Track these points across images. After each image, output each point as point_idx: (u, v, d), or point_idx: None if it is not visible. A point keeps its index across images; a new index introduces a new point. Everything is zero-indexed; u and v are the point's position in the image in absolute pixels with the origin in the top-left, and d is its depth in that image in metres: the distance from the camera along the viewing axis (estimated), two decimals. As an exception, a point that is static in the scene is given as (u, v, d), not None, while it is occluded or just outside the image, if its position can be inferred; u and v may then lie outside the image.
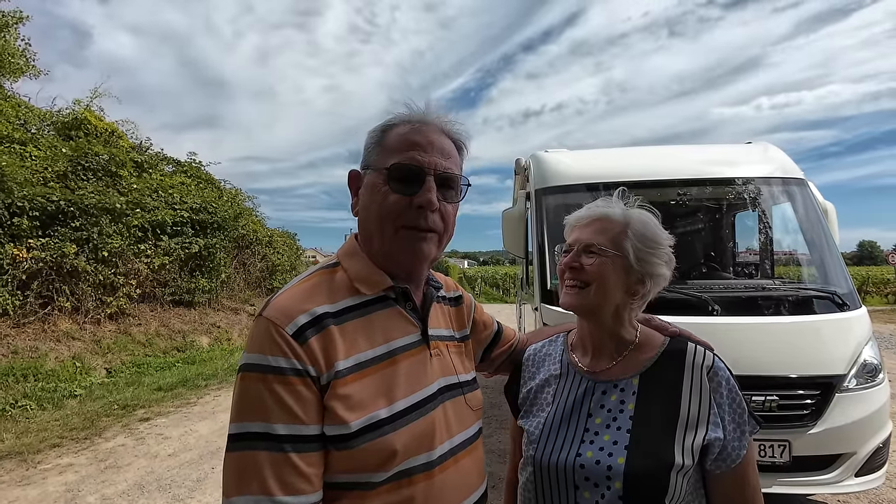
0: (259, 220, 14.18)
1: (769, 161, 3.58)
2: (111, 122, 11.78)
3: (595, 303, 0.97)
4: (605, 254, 0.96)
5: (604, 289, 0.96)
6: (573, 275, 0.99)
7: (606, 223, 0.99)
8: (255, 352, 0.74)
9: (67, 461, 4.27)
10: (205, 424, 5.31)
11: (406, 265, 0.88)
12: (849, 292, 2.94)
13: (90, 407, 5.82)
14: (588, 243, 0.98)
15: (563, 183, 3.52)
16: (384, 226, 0.84)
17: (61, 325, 7.64)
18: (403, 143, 0.85)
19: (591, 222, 1.01)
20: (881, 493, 3.50)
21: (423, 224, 0.84)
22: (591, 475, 0.88)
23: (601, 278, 0.96)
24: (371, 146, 0.90)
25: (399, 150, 0.84)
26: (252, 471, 0.69)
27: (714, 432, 0.88)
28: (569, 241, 1.04)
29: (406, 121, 0.87)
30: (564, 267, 1.01)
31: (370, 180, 0.87)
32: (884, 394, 2.72)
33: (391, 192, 0.83)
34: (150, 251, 9.21)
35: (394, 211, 0.83)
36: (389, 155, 0.85)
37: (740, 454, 0.89)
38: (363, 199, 0.89)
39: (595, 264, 0.96)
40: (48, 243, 7.41)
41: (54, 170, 8.52)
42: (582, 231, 1.01)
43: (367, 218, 0.87)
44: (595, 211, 1.02)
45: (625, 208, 1.02)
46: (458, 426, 0.89)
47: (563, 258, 1.03)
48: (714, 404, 0.90)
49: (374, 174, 0.86)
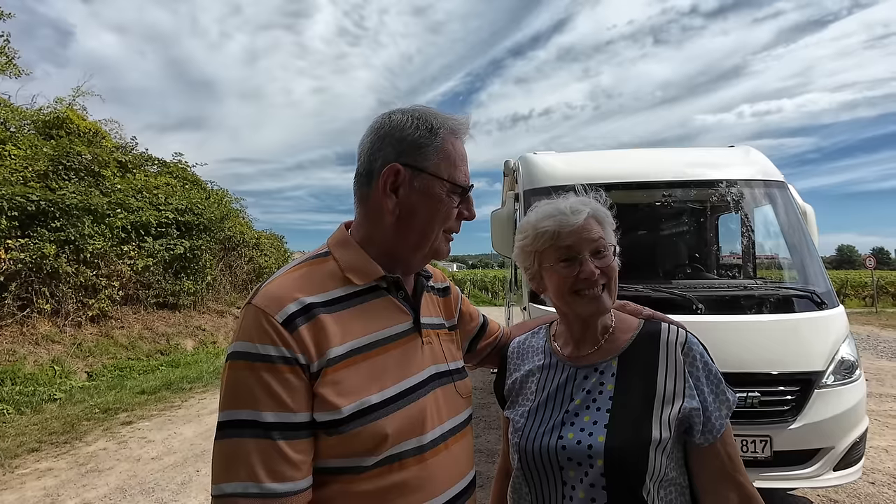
0: (246, 222, 14.04)
1: (751, 164, 3.67)
2: (94, 122, 11.56)
3: (613, 299, 0.99)
4: (609, 248, 0.98)
5: (616, 282, 0.99)
6: (596, 280, 0.95)
7: (592, 221, 0.99)
8: (244, 339, 0.74)
9: (46, 466, 4.17)
10: (189, 427, 5.23)
11: (420, 262, 0.93)
12: (827, 291, 3.02)
13: (70, 411, 5.69)
14: (595, 240, 0.97)
15: (552, 184, 3.56)
16: (436, 229, 0.89)
17: (40, 328, 7.46)
18: (458, 157, 0.89)
19: (581, 225, 0.97)
20: (858, 487, 3.59)
21: (457, 229, 0.94)
22: (574, 455, 0.89)
23: (616, 272, 0.98)
24: (422, 145, 0.86)
25: (456, 164, 0.89)
26: (240, 458, 0.70)
27: (690, 403, 0.90)
28: (566, 245, 0.96)
29: (453, 127, 0.90)
30: (583, 277, 0.95)
31: (428, 187, 0.86)
32: (860, 390, 2.80)
33: (451, 205, 0.89)
34: (134, 253, 9.06)
35: (449, 220, 0.90)
36: (448, 166, 0.88)
37: (724, 423, 0.91)
38: (415, 202, 0.86)
39: (610, 263, 0.97)
40: (27, 244, 7.25)
41: (35, 169, 8.33)
42: (577, 235, 0.96)
43: (416, 222, 0.87)
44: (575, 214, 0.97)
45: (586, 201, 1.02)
46: (448, 412, 0.90)
47: (567, 268, 0.96)
48: (689, 377, 0.93)
49: (433, 182, 0.86)
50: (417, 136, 0.86)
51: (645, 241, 4.02)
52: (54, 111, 11.02)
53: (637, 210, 3.77)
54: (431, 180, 0.86)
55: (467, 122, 0.92)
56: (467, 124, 0.92)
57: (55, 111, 11.00)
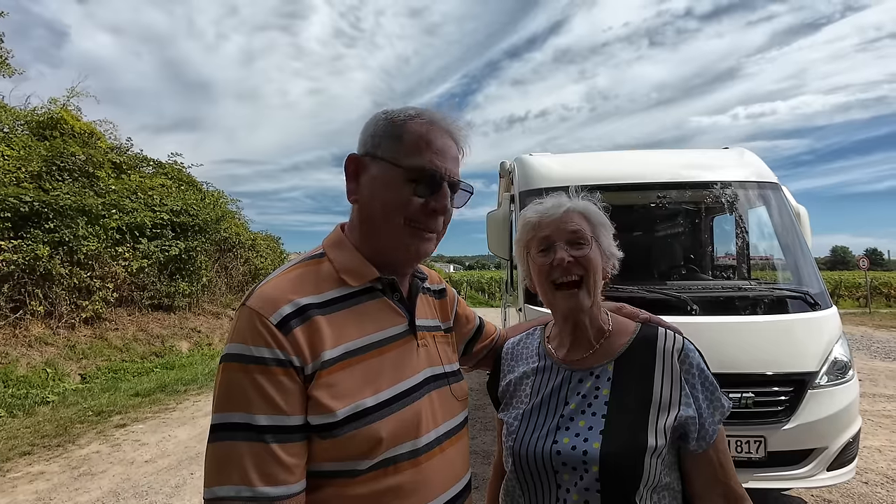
0: (242, 224, 13.97)
1: (745, 165, 3.70)
2: (89, 123, 11.48)
3: (592, 298, 0.97)
4: (590, 241, 0.97)
5: (596, 278, 0.97)
6: (569, 269, 0.95)
7: (573, 214, 0.99)
8: (238, 341, 0.74)
9: (38, 469, 4.13)
10: (184, 430, 5.19)
11: (402, 260, 0.89)
12: (820, 292, 3.04)
13: (63, 413, 5.64)
14: (575, 232, 0.97)
15: (548, 185, 3.57)
16: (393, 219, 0.84)
17: (33, 330, 7.40)
18: (423, 144, 0.84)
19: (560, 216, 0.99)
20: (852, 487, 3.61)
21: (430, 225, 0.87)
22: (568, 460, 0.89)
23: (595, 268, 0.96)
24: (381, 135, 0.87)
25: (418, 151, 0.84)
26: (233, 461, 0.69)
27: (686, 411, 0.90)
28: (544, 236, 0.99)
29: (422, 118, 0.87)
30: (555, 264, 0.96)
31: (383, 173, 0.85)
32: (853, 390, 2.82)
33: (407, 191, 0.84)
34: (129, 254, 9.00)
35: (407, 208, 0.84)
36: (408, 153, 0.84)
37: (717, 430, 0.91)
38: (370, 188, 0.87)
39: (587, 254, 0.96)
40: (20, 245, 7.18)
41: (28, 170, 8.27)
42: (556, 225, 0.98)
43: (374, 209, 0.86)
44: (558, 207, 1.00)
45: (573, 199, 1.03)
46: (444, 415, 0.89)
47: (543, 257, 0.98)
48: (686, 385, 0.93)
49: (389, 168, 0.84)
50: (381, 126, 0.88)
51: (640, 242, 4.03)
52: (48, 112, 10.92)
53: (632, 211, 3.78)
54: (386, 166, 0.85)
55: (447, 115, 0.89)
56: (447, 117, 0.89)
57: (49, 112, 10.90)
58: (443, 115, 0.89)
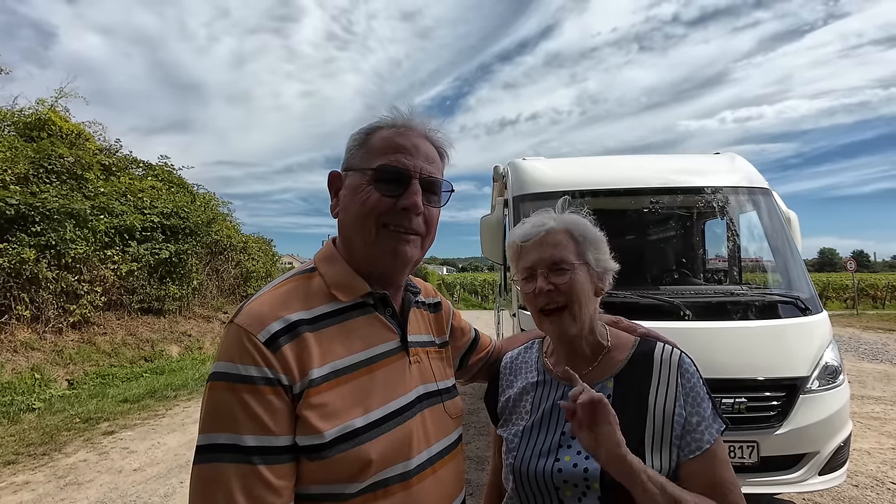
0: (234, 226, 13.86)
1: (736, 171, 3.73)
2: (77, 124, 11.31)
3: (579, 323, 0.96)
4: (573, 267, 0.96)
5: (581, 302, 0.96)
6: (550, 297, 0.95)
7: (558, 235, 0.98)
8: (225, 360, 0.72)
9: (23, 479, 4.04)
10: (174, 437, 5.11)
11: (387, 267, 0.86)
12: (811, 297, 3.06)
13: (49, 421, 5.53)
14: (555, 260, 0.96)
15: (541, 190, 3.58)
16: (366, 225, 0.83)
17: (19, 335, 7.26)
18: (389, 146, 0.84)
19: (541, 239, 0.97)
20: (843, 490, 3.64)
21: (406, 225, 0.84)
22: (570, 478, 0.89)
23: (579, 293, 0.95)
24: (354, 148, 0.88)
25: (384, 153, 0.84)
26: (219, 484, 0.67)
27: (683, 425, 0.90)
28: (526, 265, 0.99)
29: (391, 125, 0.87)
30: (538, 292, 0.96)
31: (353, 181, 0.86)
32: (844, 395, 2.84)
33: (375, 193, 0.82)
34: (118, 257, 8.88)
35: (377, 210, 0.82)
36: (374, 157, 0.84)
37: (714, 435, 0.90)
38: (344, 200, 0.87)
39: (569, 281, 0.95)
40: (6, 248, 7.05)
41: (14, 172, 8.11)
42: (538, 250, 0.97)
43: (348, 219, 0.86)
44: (539, 228, 0.99)
45: (558, 215, 1.01)
46: (436, 434, 0.87)
47: (527, 285, 0.98)
48: (683, 399, 0.92)
49: (358, 175, 0.85)
50: (354, 140, 0.89)
51: (633, 246, 4.05)
52: (36, 112, 10.74)
53: (625, 216, 3.80)
54: (356, 174, 0.86)
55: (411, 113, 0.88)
56: (419, 120, 0.88)
57: (37, 112, 10.72)
58: (415, 118, 0.88)
